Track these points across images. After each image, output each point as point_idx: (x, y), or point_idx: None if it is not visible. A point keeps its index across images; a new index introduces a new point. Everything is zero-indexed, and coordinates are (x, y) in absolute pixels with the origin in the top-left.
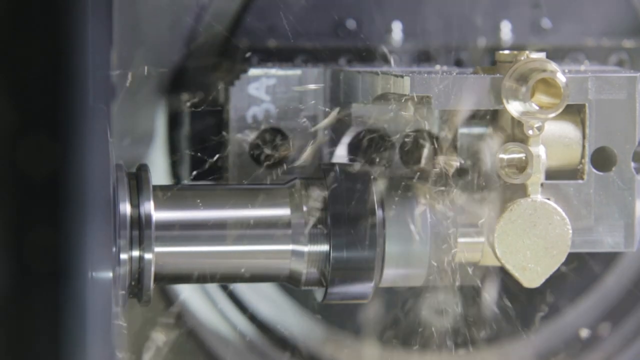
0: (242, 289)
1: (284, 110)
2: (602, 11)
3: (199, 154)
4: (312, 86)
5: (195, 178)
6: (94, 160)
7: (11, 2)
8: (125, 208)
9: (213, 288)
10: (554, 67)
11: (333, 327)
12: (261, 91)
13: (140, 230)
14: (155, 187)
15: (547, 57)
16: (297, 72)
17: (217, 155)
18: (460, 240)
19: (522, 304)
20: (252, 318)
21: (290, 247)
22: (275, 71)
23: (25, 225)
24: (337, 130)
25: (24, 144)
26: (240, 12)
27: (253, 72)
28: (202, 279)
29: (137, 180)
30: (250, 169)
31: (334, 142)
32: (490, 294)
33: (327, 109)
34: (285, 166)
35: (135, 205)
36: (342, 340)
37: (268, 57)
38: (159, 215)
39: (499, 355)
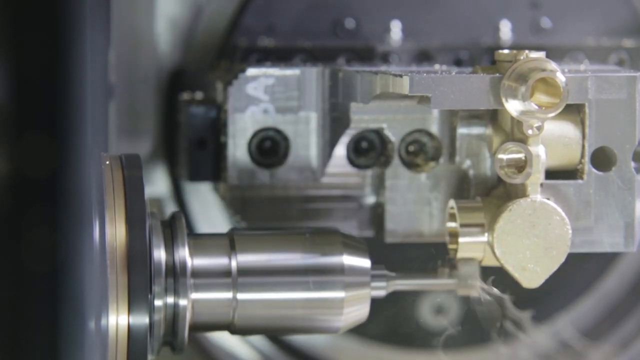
0: None
1: (282, 110)
2: (602, 10)
3: (197, 154)
4: None
5: (194, 178)
6: (92, 160)
7: (9, 2)
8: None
9: None
10: (554, 66)
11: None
12: (259, 91)
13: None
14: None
15: (547, 56)
16: (296, 71)
17: (215, 156)
18: (462, 239)
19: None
20: None
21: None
22: (273, 71)
23: (23, 225)
24: (335, 130)
25: (21, 143)
26: (238, 11)
27: (251, 71)
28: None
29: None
30: (249, 170)
31: (332, 142)
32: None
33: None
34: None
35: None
36: (343, 341)
37: (266, 56)
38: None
39: (498, 355)
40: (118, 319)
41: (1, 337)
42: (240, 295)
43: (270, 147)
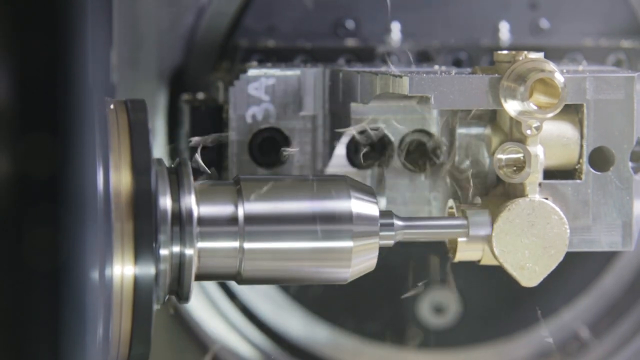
0: (242, 288)
1: (283, 110)
2: (600, 11)
3: (198, 153)
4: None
5: (195, 179)
6: (93, 159)
7: (11, 1)
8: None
9: (212, 287)
10: (552, 67)
11: (333, 326)
12: (260, 91)
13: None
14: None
15: (545, 57)
16: (297, 72)
17: (216, 155)
18: (461, 239)
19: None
20: (252, 317)
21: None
22: (274, 71)
23: (23, 225)
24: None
25: (23, 143)
26: (239, 12)
27: (252, 72)
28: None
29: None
30: (250, 169)
31: (332, 142)
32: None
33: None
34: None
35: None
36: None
37: (267, 57)
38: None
39: (497, 354)
40: (123, 269)
41: (1, 337)
42: (247, 245)
43: (271, 147)
